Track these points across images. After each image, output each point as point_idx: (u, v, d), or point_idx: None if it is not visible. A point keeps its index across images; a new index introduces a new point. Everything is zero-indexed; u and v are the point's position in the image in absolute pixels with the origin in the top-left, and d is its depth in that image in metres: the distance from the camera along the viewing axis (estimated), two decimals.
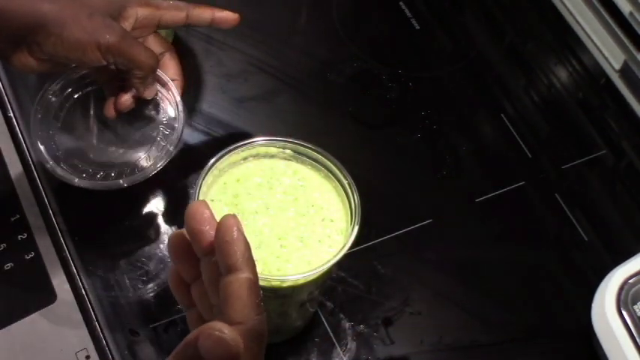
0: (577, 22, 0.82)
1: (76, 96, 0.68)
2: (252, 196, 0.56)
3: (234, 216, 0.43)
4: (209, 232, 0.43)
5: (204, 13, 0.68)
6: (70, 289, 0.63)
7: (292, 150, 0.58)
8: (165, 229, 0.67)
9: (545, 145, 0.76)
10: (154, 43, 0.68)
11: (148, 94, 0.66)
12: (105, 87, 0.68)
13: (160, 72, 0.67)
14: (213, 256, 0.43)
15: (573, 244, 0.71)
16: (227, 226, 0.42)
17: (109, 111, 0.67)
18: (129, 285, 0.64)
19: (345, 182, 0.56)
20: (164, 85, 0.68)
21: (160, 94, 0.68)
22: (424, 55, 0.82)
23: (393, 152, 0.75)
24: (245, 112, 0.75)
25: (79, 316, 0.62)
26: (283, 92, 0.77)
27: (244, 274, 0.41)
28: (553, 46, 0.83)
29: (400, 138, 0.75)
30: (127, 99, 0.66)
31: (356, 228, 0.54)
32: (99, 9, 0.62)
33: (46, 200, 0.66)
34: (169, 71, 0.68)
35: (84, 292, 0.63)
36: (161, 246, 0.66)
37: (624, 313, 0.60)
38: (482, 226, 0.71)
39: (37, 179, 0.67)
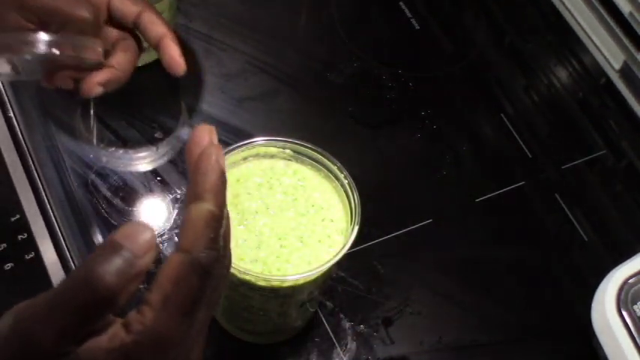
0: (577, 22, 0.82)
1: None
2: (252, 196, 0.56)
3: (210, 130, 0.40)
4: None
5: (157, 28, 0.60)
6: None
7: (292, 150, 0.58)
8: (165, 229, 0.67)
9: (545, 145, 0.76)
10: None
11: (89, 56, 0.57)
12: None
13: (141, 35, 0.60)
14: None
15: (573, 244, 0.71)
16: (205, 155, 0.39)
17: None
18: None
19: (345, 182, 0.56)
20: (156, 46, 0.61)
21: None
22: (424, 55, 0.82)
23: (393, 152, 0.75)
24: (245, 112, 0.75)
25: None
26: (283, 92, 0.77)
27: (206, 206, 0.38)
28: (553, 46, 0.83)
29: (400, 138, 0.75)
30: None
31: (356, 228, 0.54)
32: None
33: (46, 200, 0.66)
34: (153, 30, 0.60)
35: None
36: (161, 246, 0.66)
37: (624, 313, 0.60)
38: (482, 226, 0.71)
39: (38, 179, 0.67)
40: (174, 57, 0.60)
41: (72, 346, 0.35)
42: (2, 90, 0.73)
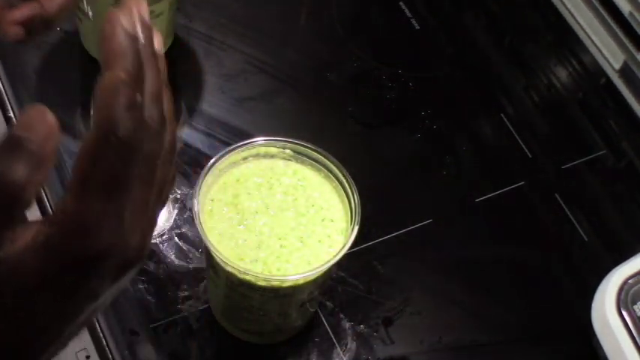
0: (577, 22, 0.82)
1: None
2: (252, 196, 0.56)
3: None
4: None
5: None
6: None
7: (292, 150, 0.58)
8: (165, 229, 0.67)
9: (545, 145, 0.76)
10: None
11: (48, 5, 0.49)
12: None
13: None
14: None
15: (573, 244, 0.71)
16: (110, 17, 0.34)
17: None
18: (129, 285, 0.64)
19: (345, 182, 0.56)
20: None
21: None
22: (424, 55, 0.82)
23: (393, 152, 0.75)
24: (245, 112, 0.75)
25: None
26: (283, 92, 0.77)
27: (113, 73, 0.33)
28: (553, 46, 0.83)
29: (400, 138, 0.75)
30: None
31: (356, 228, 0.54)
32: None
33: (46, 200, 0.66)
34: None
35: None
36: (160, 246, 0.66)
37: (624, 313, 0.60)
38: (483, 226, 0.71)
39: None
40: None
41: None
42: (2, 90, 0.73)
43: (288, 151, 0.58)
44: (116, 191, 0.33)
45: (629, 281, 0.61)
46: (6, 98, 0.72)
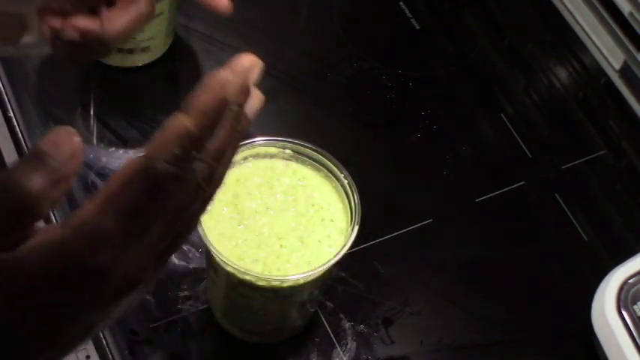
0: (577, 22, 0.82)
1: None
2: (252, 196, 0.56)
3: (252, 61, 0.38)
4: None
5: None
6: None
7: (292, 150, 0.58)
8: None
9: (545, 145, 0.76)
10: None
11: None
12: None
13: None
14: None
15: (573, 244, 0.71)
16: (216, 74, 0.36)
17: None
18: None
19: (345, 182, 0.56)
20: None
21: None
22: (424, 55, 0.82)
23: (393, 152, 0.75)
24: None
25: None
26: (283, 92, 0.77)
27: (185, 120, 0.34)
28: (553, 46, 0.83)
29: (400, 138, 0.75)
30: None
31: (356, 228, 0.54)
32: None
33: None
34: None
35: None
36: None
37: (624, 313, 0.60)
38: (483, 226, 0.71)
39: None
40: (220, 4, 0.55)
41: (1, 253, 0.33)
42: (2, 90, 0.73)
43: (288, 151, 0.58)
44: (135, 218, 0.34)
45: (629, 281, 0.61)
46: (6, 98, 0.72)
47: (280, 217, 0.56)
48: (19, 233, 0.33)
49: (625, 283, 0.61)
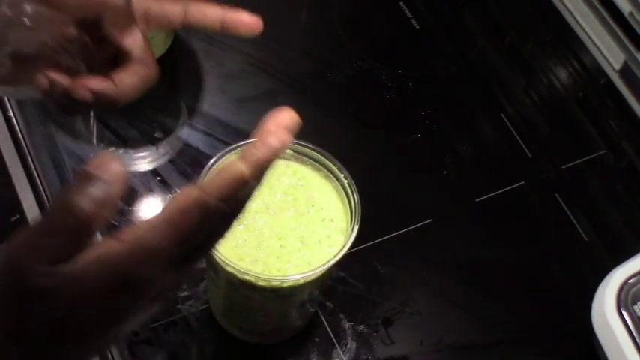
0: (577, 22, 0.82)
1: None
2: (252, 196, 0.56)
3: (291, 116, 0.44)
4: None
5: (210, 12, 0.56)
6: None
7: (292, 150, 0.58)
8: None
9: (545, 145, 0.76)
10: None
11: (129, 43, 0.53)
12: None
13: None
14: None
15: (573, 244, 0.71)
16: (275, 133, 0.42)
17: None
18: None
19: (345, 182, 0.56)
20: (222, 30, 0.56)
21: None
22: (424, 55, 0.82)
23: (393, 152, 0.75)
24: (245, 112, 0.75)
25: None
26: (283, 92, 0.77)
27: (243, 167, 0.40)
28: (553, 46, 0.83)
29: (400, 138, 0.75)
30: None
31: (356, 228, 0.54)
32: None
33: (46, 200, 0.66)
34: (208, 19, 0.56)
35: None
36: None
37: (624, 313, 0.60)
38: (483, 226, 0.71)
39: (38, 180, 0.67)
40: (245, 22, 0.58)
41: (59, 267, 0.37)
42: None
43: (288, 151, 0.58)
44: (185, 243, 0.38)
45: (629, 281, 0.61)
46: (6, 98, 0.72)
47: (280, 217, 0.56)
48: (76, 247, 0.37)
49: (625, 283, 0.61)
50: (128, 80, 0.53)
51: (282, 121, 0.43)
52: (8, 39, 0.50)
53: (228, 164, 0.40)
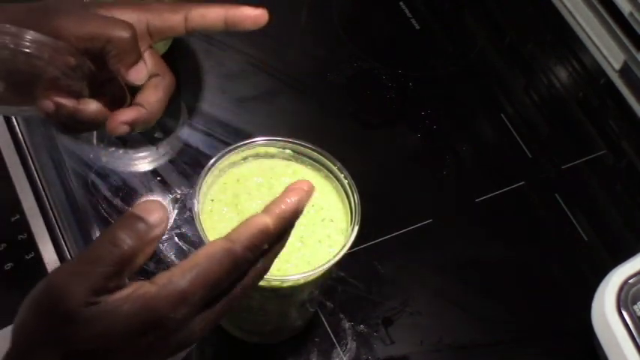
0: (577, 22, 0.82)
1: None
2: (252, 196, 0.56)
3: (309, 187, 0.46)
4: None
5: (211, 13, 0.55)
6: None
7: (292, 150, 0.58)
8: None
9: (545, 145, 0.76)
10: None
11: (134, 77, 0.53)
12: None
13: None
14: None
15: (573, 244, 0.71)
16: (298, 190, 0.45)
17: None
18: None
19: (345, 182, 0.56)
20: (227, 27, 0.56)
21: None
22: (424, 55, 0.82)
23: (393, 152, 0.75)
24: (245, 112, 0.75)
25: None
26: (283, 92, 0.77)
27: (268, 220, 0.44)
28: (553, 46, 0.83)
29: (400, 138, 0.75)
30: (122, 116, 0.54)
31: (356, 228, 0.54)
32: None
33: (46, 200, 0.66)
34: (209, 20, 0.56)
35: None
36: (161, 246, 0.66)
37: (624, 313, 0.60)
38: (482, 226, 0.71)
39: (38, 180, 0.67)
40: (250, 16, 0.56)
41: (99, 297, 0.39)
42: None
43: (288, 151, 0.58)
44: (213, 289, 0.41)
45: (629, 281, 0.61)
46: None
47: None
48: (117, 281, 0.40)
49: (625, 283, 0.61)
50: (154, 98, 0.55)
51: (302, 185, 0.46)
52: (5, 64, 0.50)
53: (254, 215, 0.43)
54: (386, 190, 0.72)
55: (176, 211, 0.68)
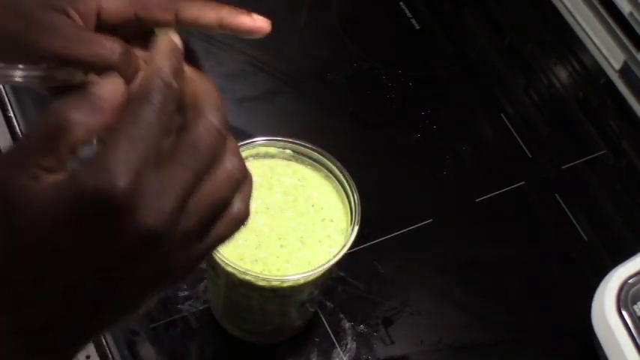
0: (577, 22, 0.82)
1: None
2: (252, 196, 0.56)
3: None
4: None
5: (204, 18, 0.51)
6: None
7: (292, 150, 0.58)
8: None
9: (545, 145, 0.76)
10: None
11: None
12: None
13: None
14: None
15: (573, 244, 0.71)
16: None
17: None
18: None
19: (345, 182, 0.56)
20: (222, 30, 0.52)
21: None
22: (424, 55, 0.82)
23: (393, 152, 0.75)
24: (245, 112, 0.75)
25: None
26: (283, 92, 0.77)
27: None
28: (553, 46, 0.83)
29: (400, 138, 0.75)
30: None
31: (356, 228, 0.54)
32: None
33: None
34: (204, 20, 0.51)
35: None
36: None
37: (624, 313, 0.60)
38: (483, 226, 0.71)
39: None
40: (247, 25, 0.54)
41: (36, 173, 0.33)
42: (2, 90, 0.73)
43: (288, 151, 0.58)
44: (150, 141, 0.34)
45: (629, 281, 0.61)
46: (6, 98, 0.72)
47: (280, 217, 0.56)
48: (53, 161, 0.33)
49: (625, 283, 0.61)
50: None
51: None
52: None
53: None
54: (386, 190, 0.72)
55: None
